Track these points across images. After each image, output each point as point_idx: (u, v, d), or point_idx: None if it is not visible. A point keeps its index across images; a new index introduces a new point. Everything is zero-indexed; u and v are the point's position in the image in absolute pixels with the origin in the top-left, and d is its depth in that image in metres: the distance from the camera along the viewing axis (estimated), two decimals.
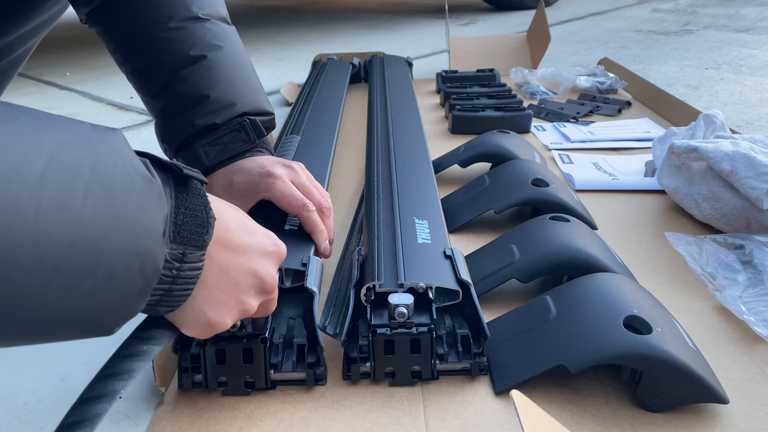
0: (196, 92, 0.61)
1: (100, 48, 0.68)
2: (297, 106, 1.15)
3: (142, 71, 0.64)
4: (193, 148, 0.63)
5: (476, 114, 1.17)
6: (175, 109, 0.63)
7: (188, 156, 0.63)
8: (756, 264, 0.65)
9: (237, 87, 0.64)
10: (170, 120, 0.63)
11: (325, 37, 2.56)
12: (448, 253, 0.59)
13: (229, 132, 0.63)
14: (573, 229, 0.66)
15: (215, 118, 0.62)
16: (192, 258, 0.37)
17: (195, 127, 0.62)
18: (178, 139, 0.63)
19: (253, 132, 0.64)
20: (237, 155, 0.63)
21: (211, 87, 0.62)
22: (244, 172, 0.62)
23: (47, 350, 0.62)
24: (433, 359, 0.52)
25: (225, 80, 0.63)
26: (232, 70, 0.64)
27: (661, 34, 2.30)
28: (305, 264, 0.57)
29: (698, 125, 0.88)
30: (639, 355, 0.47)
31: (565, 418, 0.48)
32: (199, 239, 0.37)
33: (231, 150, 0.63)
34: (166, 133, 0.65)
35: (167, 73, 0.62)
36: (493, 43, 1.67)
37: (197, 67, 0.61)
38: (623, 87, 1.39)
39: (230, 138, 0.63)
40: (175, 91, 0.62)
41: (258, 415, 0.50)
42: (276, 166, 0.62)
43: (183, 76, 0.61)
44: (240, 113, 0.63)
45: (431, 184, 0.78)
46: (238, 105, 0.63)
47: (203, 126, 0.62)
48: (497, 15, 2.91)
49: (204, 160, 0.62)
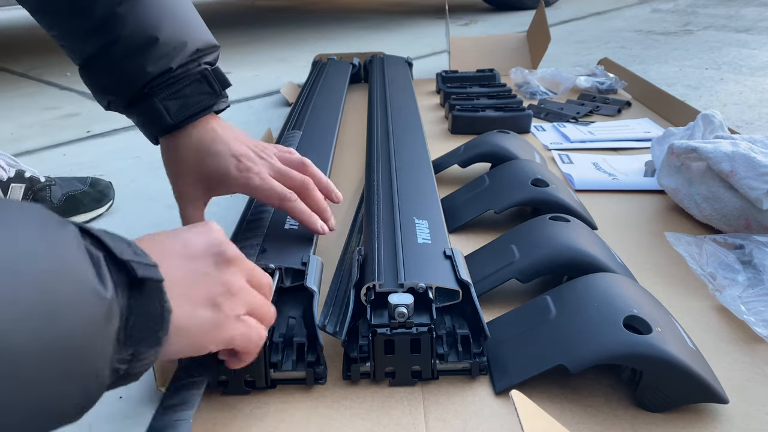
0: (143, 34, 0.54)
1: None
2: (297, 106, 1.15)
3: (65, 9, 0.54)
4: (150, 102, 0.56)
5: (476, 114, 1.17)
6: (117, 55, 0.55)
7: (145, 111, 0.57)
8: (756, 264, 0.65)
9: (184, 21, 0.57)
10: (112, 67, 0.55)
11: (325, 37, 2.56)
12: (448, 253, 0.59)
13: (189, 83, 0.57)
14: (573, 229, 0.66)
15: (169, 63, 0.55)
16: (144, 355, 0.33)
17: (148, 75, 0.55)
18: (127, 90, 0.56)
19: (217, 82, 0.59)
20: (202, 110, 0.58)
21: (158, 27, 0.54)
22: (215, 157, 0.58)
23: None
24: (433, 359, 0.52)
25: (170, 14, 0.56)
26: (174, 2, 0.57)
27: (661, 34, 2.30)
28: (305, 263, 0.57)
29: (697, 125, 0.88)
30: (639, 355, 0.47)
31: (565, 418, 0.48)
32: (153, 337, 0.33)
33: (195, 105, 0.57)
34: (107, 84, 0.57)
35: (100, 10, 0.53)
36: (493, 43, 1.67)
37: (137, 2, 0.54)
38: (623, 87, 1.39)
39: (192, 90, 0.57)
40: (115, 34, 0.54)
41: (258, 414, 0.50)
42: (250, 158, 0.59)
43: (122, 15, 0.53)
44: (193, 51, 0.57)
45: (431, 184, 0.78)
46: (189, 43, 0.57)
47: (157, 73, 0.55)
48: (497, 15, 2.91)
49: (166, 118, 0.57)
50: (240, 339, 0.41)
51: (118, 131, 1.41)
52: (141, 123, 0.60)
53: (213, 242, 0.41)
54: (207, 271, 0.39)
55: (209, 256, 0.40)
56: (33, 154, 1.28)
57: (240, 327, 0.41)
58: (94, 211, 0.95)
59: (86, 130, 1.43)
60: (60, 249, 0.28)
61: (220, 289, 0.39)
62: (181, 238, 0.40)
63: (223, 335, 0.40)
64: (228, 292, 0.40)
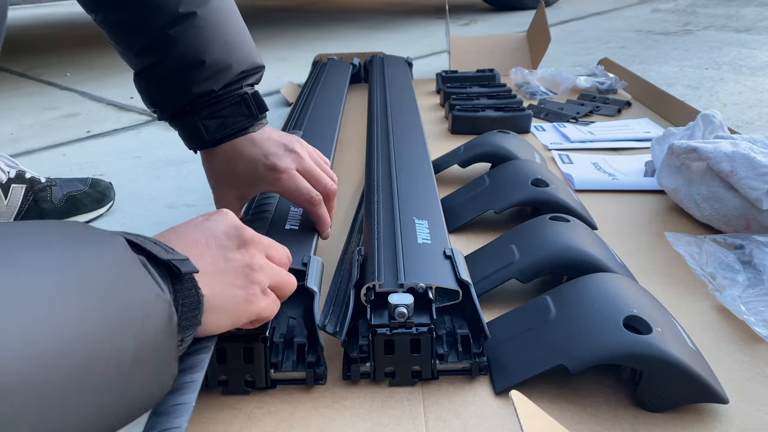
0: (191, 56, 0.58)
1: (100, 48, 0.68)
2: (297, 105, 1.15)
3: (121, 24, 0.59)
4: (191, 120, 0.60)
5: (476, 114, 1.17)
6: (166, 72, 0.59)
7: (186, 127, 0.61)
8: (756, 264, 0.65)
9: (231, 46, 0.60)
10: (160, 82, 0.60)
11: (326, 37, 2.56)
12: (448, 253, 0.59)
13: (229, 105, 0.61)
14: (573, 229, 0.66)
15: (212, 85, 0.59)
16: (189, 338, 0.38)
17: (192, 95, 0.59)
18: (171, 104, 0.61)
19: (255, 106, 0.62)
20: (238, 131, 0.61)
21: (206, 50, 0.58)
22: (247, 160, 0.61)
23: None
24: (433, 359, 0.52)
25: (219, 40, 0.59)
26: (224, 26, 0.60)
27: (661, 34, 2.30)
28: (306, 264, 0.57)
29: (697, 125, 0.88)
30: (639, 355, 0.47)
31: (565, 418, 0.48)
32: (195, 320, 0.38)
33: (232, 125, 0.61)
34: (155, 97, 0.62)
35: (154, 32, 0.58)
36: (493, 43, 1.67)
37: (189, 26, 0.58)
38: (623, 87, 1.39)
39: (230, 111, 0.61)
40: (166, 53, 0.58)
41: (258, 414, 0.50)
42: (280, 155, 0.61)
43: (174, 37, 0.57)
44: (237, 74, 0.61)
45: (431, 184, 0.78)
46: (234, 66, 0.60)
47: (200, 93, 0.59)
48: (497, 15, 2.91)
49: (204, 135, 0.60)
50: (267, 311, 0.45)
51: (118, 131, 1.41)
52: (182, 136, 0.64)
53: (231, 227, 0.45)
54: (230, 254, 0.43)
55: (230, 239, 0.44)
56: (33, 155, 1.28)
57: (266, 301, 0.45)
58: (95, 212, 0.95)
59: (86, 130, 1.43)
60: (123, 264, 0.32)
61: (244, 269, 0.43)
62: (202, 228, 0.44)
63: (253, 309, 0.43)
64: (252, 270, 0.43)
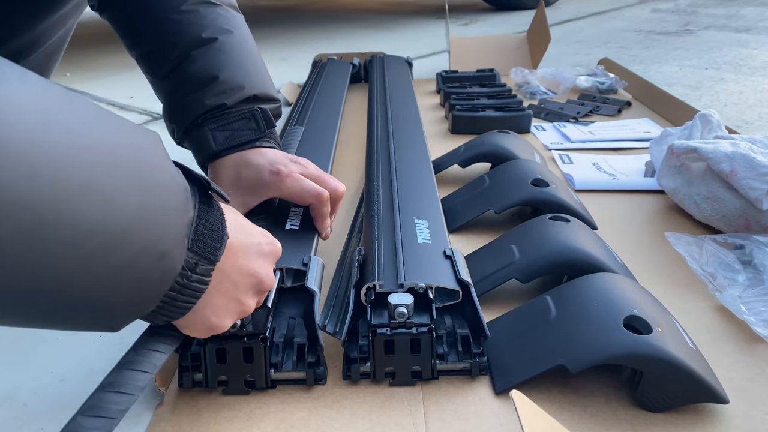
0: (206, 72, 0.62)
1: (100, 48, 0.68)
2: (297, 105, 1.15)
3: (152, 54, 0.64)
4: (201, 131, 0.63)
5: (476, 114, 1.17)
6: (184, 89, 0.63)
7: (196, 138, 0.63)
8: (756, 264, 0.65)
9: (246, 71, 0.64)
10: (179, 99, 0.64)
11: (326, 37, 2.56)
12: (448, 253, 0.59)
13: (239, 119, 0.63)
14: (573, 229, 0.66)
15: (224, 99, 0.62)
16: (202, 270, 0.38)
17: (204, 107, 0.62)
18: (186, 118, 0.64)
19: (263, 121, 0.64)
20: (245, 143, 0.63)
21: (222, 68, 0.62)
22: (253, 168, 0.62)
23: (47, 350, 0.62)
24: (433, 359, 0.52)
25: (235, 63, 0.63)
26: (242, 55, 0.65)
27: (661, 34, 2.30)
28: (306, 264, 0.57)
29: (694, 125, 0.88)
30: (639, 355, 0.47)
31: (565, 418, 0.48)
32: (213, 253, 0.38)
33: (239, 137, 0.63)
34: (174, 113, 0.65)
35: (178, 54, 0.62)
36: (493, 43, 1.67)
37: (209, 48, 0.62)
38: (623, 87, 1.39)
39: (240, 125, 0.63)
40: (186, 70, 0.62)
41: (258, 415, 0.50)
42: (284, 163, 0.62)
43: (194, 56, 0.62)
44: (249, 95, 0.63)
45: (431, 184, 0.78)
46: (246, 87, 0.63)
47: (212, 106, 0.62)
48: (497, 15, 2.91)
49: (212, 144, 0.62)
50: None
51: None
52: (192, 149, 0.66)
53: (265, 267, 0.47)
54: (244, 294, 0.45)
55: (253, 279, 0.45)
56: None
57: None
58: None
59: None
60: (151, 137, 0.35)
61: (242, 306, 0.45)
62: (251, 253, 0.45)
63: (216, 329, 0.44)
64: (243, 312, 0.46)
